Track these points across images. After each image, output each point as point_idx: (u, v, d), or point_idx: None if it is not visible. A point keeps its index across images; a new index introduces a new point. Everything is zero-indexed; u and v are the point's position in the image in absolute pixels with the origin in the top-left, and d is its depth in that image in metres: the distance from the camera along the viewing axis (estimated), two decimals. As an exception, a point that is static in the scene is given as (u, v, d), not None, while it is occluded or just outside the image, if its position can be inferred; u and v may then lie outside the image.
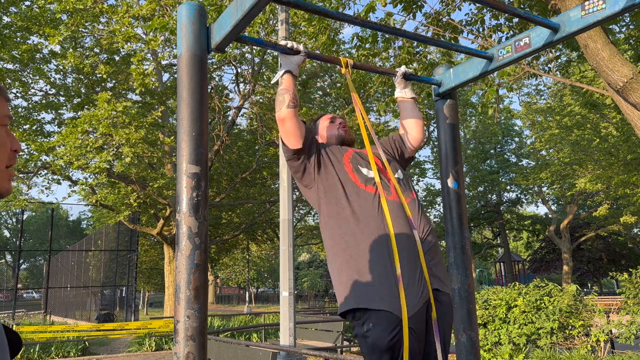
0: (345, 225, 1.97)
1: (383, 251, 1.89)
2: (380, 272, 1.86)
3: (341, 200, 2.02)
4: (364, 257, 1.89)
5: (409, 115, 2.36)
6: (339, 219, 2.00)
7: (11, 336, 0.84)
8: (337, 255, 1.97)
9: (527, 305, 7.05)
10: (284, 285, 6.47)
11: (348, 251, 1.94)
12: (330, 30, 7.38)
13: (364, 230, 1.93)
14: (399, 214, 1.98)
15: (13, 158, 0.93)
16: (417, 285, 1.88)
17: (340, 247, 1.96)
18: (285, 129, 2.07)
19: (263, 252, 39.61)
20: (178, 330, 1.56)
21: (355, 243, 1.93)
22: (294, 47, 2.03)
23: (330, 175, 2.08)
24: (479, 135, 30.22)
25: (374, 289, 1.85)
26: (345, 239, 1.96)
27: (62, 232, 48.92)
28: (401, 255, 1.88)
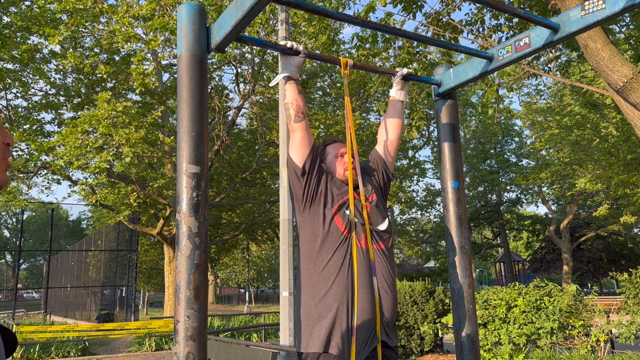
0: (317, 275, 2.08)
1: (343, 306, 2.03)
2: (338, 325, 2.02)
3: (318, 245, 2.09)
4: (328, 307, 2.04)
5: (396, 115, 2.39)
6: (314, 264, 2.10)
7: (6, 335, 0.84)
8: (305, 301, 2.10)
9: (527, 305, 7.05)
10: (284, 285, 6.48)
11: (316, 299, 2.07)
12: (330, 30, 7.38)
13: (333, 280, 2.05)
14: (364, 263, 2.08)
15: (7, 151, 0.93)
16: (367, 338, 2.03)
17: (309, 295, 2.09)
18: (292, 139, 2.12)
19: (263, 252, 39.61)
20: (178, 330, 1.56)
21: (322, 294, 2.06)
22: (294, 47, 2.02)
23: (317, 217, 2.12)
24: (479, 135, 30.21)
25: (330, 338, 2.02)
26: (315, 289, 2.08)
27: (62, 232, 48.89)
28: (359, 308, 2.02)
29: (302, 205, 2.15)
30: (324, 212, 2.11)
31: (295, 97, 2.07)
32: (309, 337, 2.04)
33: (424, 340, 8.38)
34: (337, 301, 2.02)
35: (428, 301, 8.40)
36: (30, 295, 51.80)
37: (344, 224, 2.10)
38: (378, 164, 2.37)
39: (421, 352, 8.43)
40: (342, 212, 2.12)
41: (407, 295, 8.48)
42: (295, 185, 2.15)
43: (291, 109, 2.08)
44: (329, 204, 2.13)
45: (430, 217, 34.07)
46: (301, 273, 2.14)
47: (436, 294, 8.53)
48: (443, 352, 8.60)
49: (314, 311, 2.05)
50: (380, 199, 2.29)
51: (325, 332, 2.01)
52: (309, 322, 2.06)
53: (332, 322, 2.01)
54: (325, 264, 2.07)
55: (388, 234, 2.22)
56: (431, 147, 27.84)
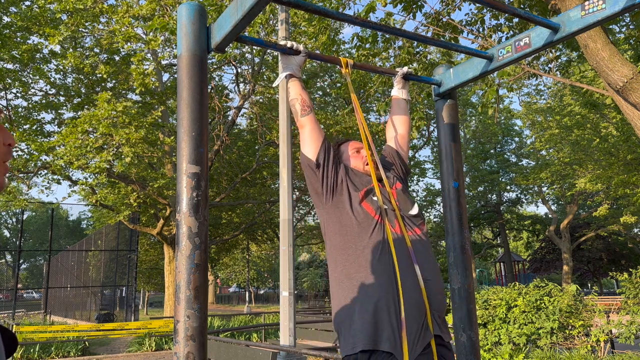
0: (352, 263, 1.92)
1: (388, 296, 1.84)
2: (385, 316, 1.82)
3: (349, 234, 1.96)
4: (370, 298, 1.84)
5: (401, 112, 2.40)
6: (346, 254, 1.95)
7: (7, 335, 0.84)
8: (344, 296, 1.92)
9: (527, 305, 7.05)
10: (284, 285, 6.47)
11: (354, 292, 1.89)
12: (330, 30, 7.38)
13: (371, 267, 1.88)
14: (402, 250, 1.93)
15: (8, 153, 0.92)
16: (419, 331, 1.83)
17: (347, 287, 1.92)
18: (302, 135, 2.07)
19: (263, 252, 39.62)
20: (178, 330, 1.56)
21: (360, 283, 1.88)
22: (294, 47, 2.02)
23: (343, 205, 2.00)
24: (479, 135, 30.21)
25: (378, 332, 1.81)
26: (351, 281, 1.91)
27: (62, 232, 48.89)
28: (405, 299, 1.83)
29: (324, 197, 2.03)
30: (350, 199, 2.00)
31: (299, 92, 2.06)
32: (355, 336, 1.82)
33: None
34: (379, 290, 1.83)
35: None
36: (30, 295, 51.82)
37: (374, 210, 1.98)
38: (394, 157, 2.35)
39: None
40: (369, 199, 2.01)
41: (407, 295, 8.47)
42: (313, 179, 2.06)
43: (297, 104, 2.05)
44: (353, 192, 2.03)
45: (430, 217, 34.07)
46: (334, 268, 1.98)
47: (436, 294, 8.52)
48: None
49: (355, 305, 1.85)
50: (405, 186, 2.24)
51: (372, 326, 1.80)
52: (351, 319, 1.85)
53: (378, 314, 1.81)
54: (360, 251, 1.91)
55: (421, 218, 2.10)
56: (431, 147, 27.84)
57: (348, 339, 1.85)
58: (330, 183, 2.03)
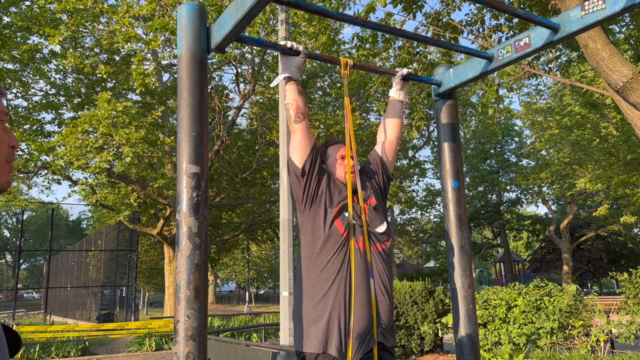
0: (315, 275, 2.10)
1: (341, 307, 2.04)
2: (335, 326, 2.04)
3: (318, 247, 2.10)
4: (325, 308, 2.06)
5: (395, 115, 2.40)
6: (312, 265, 2.11)
7: (11, 335, 0.84)
8: (304, 302, 2.12)
9: (527, 305, 7.05)
10: (284, 285, 6.47)
11: (314, 300, 2.09)
12: (330, 30, 7.38)
13: (331, 282, 2.07)
14: (361, 264, 2.09)
15: (12, 154, 0.94)
16: (363, 339, 2.05)
17: (308, 295, 2.11)
18: (292, 140, 2.13)
19: (263, 252, 39.62)
20: (178, 330, 1.56)
21: (320, 295, 2.08)
22: (294, 47, 2.02)
23: (318, 219, 2.13)
24: (479, 135, 30.21)
25: (328, 339, 2.04)
26: (312, 289, 2.10)
27: (62, 232, 48.88)
28: (356, 309, 2.04)
29: (303, 206, 2.16)
30: (325, 214, 2.12)
31: (295, 98, 2.07)
32: (306, 337, 2.06)
33: (424, 340, 8.39)
34: (334, 302, 2.04)
35: (428, 301, 8.40)
36: (30, 295, 51.81)
37: (344, 227, 2.11)
38: (377, 165, 2.38)
39: (421, 352, 8.43)
40: (342, 216, 2.13)
41: (407, 295, 8.48)
42: (295, 186, 2.17)
43: (291, 109, 2.08)
44: (329, 207, 2.13)
45: (430, 217, 34.08)
46: (301, 273, 2.15)
47: (436, 294, 8.53)
48: (443, 352, 8.60)
49: (311, 312, 2.07)
50: (379, 201, 2.29)
51: (323, 333, 2.03)
52: (307, 323, 2.08)
53: (329, 322, 2.03)
54: (324, 265, 2.08)
55: (387, 236, 2.22)
56: (431, 147, 27.83)
57: (301, 337, 2.09)
58: (311, 194, 2.15)
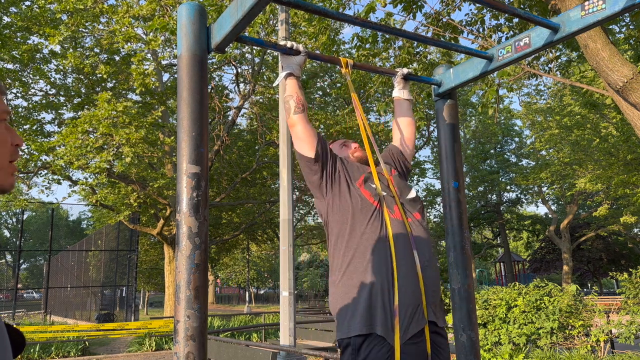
0: (351, 250, 1.96)
1: (383, 281, 1.88)
2: (379, 302, 1.86)
3: (350, 220, 1.99)
4: (367, 284, 1.88)
5: (405, 114, 2.41)
6: (345, 241, 1.98)
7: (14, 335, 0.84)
8: (342, 282, 1.96)
9: (527, 305, 7.05)
10: (284, 285, 6.47)
11: (352, 278, 1.93)
12: (330, 30, 7.38)
13: (368, 261, 1.92)
14: (401, 235, 1.96)
15: (15, 153, 0.94)
16: (412, 317, 1.87)
17: (345, 275, 1.95)
18: (295, 133, 2.07)
19: (263, 252, 39.62)
20: (178, 330, 1.56)
21: (360, 270, 1.92)
22: (294, 47, 2.02)
23: (342, 192, 2.05)
24: (479, 135, 30.21)
25: (372, 317, 1.85)
26: (349, 267, 1.94)
27: (62, 232, 48.88)
28: (400, 284, 1.87)
29: (325, 189, 2.06)
30: (348, 187, 2.04)
31: (296, 90, 2.05)
32: (350, 320, 1.87)
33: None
34: (375, 277, 1.87)
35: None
36: (30, 295, 51.79)
37: (373, 196, 2.01)
38: (394, 153, 2.38)
39: (421, 352, 8.41)
40: (367, 185, 2.06)
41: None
42: (311, 174, 2.08)
43: (291, 100, 2.05)
44: (351, 180, 2.07)
45: (430, 217, 34.06)
46: (333, 254, 2.02)
47: (436, 294, 8.52)
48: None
49: (350, 292, 1.90)
50: (401, 174, 2.27)
51: (366, 311, 1.84)
52: (347, 305, 1.90)
53: (372, 299, 1.85)
54: (358, 238, 1.94)
55: (419, 203, 2.14)
56: (431, 147, 27.83)
57: (343, 322, 1.90)
58: (329, 173, 2.07)
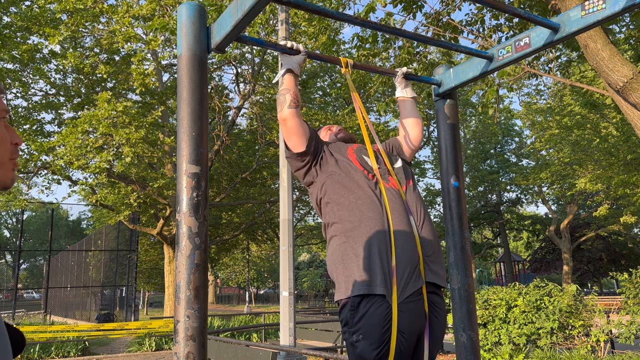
0: (346, 213, 1.98)
1: (381, 242, 1.90)
2: (377, 262, 1.88)
3: (343, 186, 2.03)
4: (361, 249, 1.91)
5: (410, 114, 2.39)
6: (340, 205, 2.01)
7: (14, 335, 0.84)
8: (338, 245, 1.99)
9: (527, 305, 7.05)
10: (284, 285, 6.47)
11: (349, 239, 1.95)
12: (330, 30, 7.38)
13: (364, 221, 1.95)
14: (397, 202, 2.00)
15: (15, 151, 0.94)
16: (409, 277, 1.89)
17: (341, 236, 1.98)
18: (287, 128, 2.06)
19: (263, 252, 39.61)
20: (178, 330, 1.56)
21: (355, 233, 1.94)
22: (294, 47, 2.02)
23: (331, 166, 2.09)
24: (479, 135, 30.21)
25: (370, 277, 1.87)
26: (345, 230, 1.97)
27: (62, 232, 48.91)
28: (397, 245, 1.90)
29: (315, 173, 2.10)
30: (337, 162, 2.09)
31: (292, 86, 2.04)
32: (347, 282, 1.89)
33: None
34: (372, 236, 1.90)
35: (428, 301, 8.39)
36: (30, 295, 51.79)
37: (365, 168, 2.07)
38: (393, 146, 2.40)
39: (421, 352, 8.40)
40: (359, 157, 2.11)
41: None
42: (299, 164, 2.12)
43: (288, 94, 2.03)
44: (340, 155, 2.12)
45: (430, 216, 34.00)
46: (328, 221, 2.04)
47: (436, 294, 8.51)
48: (443, 352, 8.60)
49: (348, 252, 1.92)
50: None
51: (364, 272, 1.87)
52: (345, 265, 1.92)
53: (371, 260, 1.87)
54: (354, 202, 1.97)
55: (409, 171, 2.22)
56: (431, 147, 27.83)
57: (341, 284, 1.92)
58: (318, 160, 2.11)
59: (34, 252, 50.35)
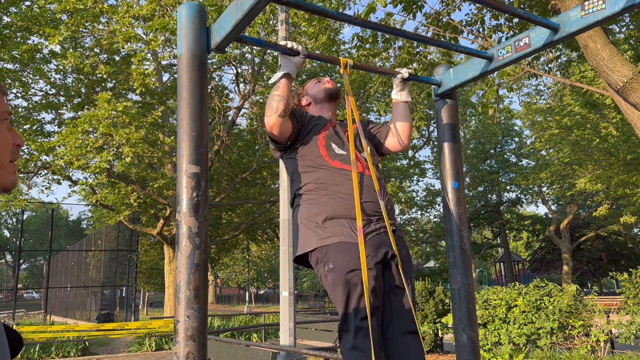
0: (312, 182, 2.17)
1: (348, 203, 2.08)
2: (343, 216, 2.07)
3: (309, 165, 2.20)
4: (328, 206, 2.09)
5: (400, 118, 2.40)
6: (307, 175, 2.19)
7: (12, 336, 0.84)
8: (301, 208, 2.17)
9: (527, 305, 7.05)
10: (284, 285, 6.47)
11: (311, 202, 2.13)
12: (330, 30, 7.38)
13: (329, 192, 2.12)
14: (366, 184, 2.14)
15: (16, 153, 0.95)
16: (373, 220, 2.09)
17: (304, 199, 2.17)
18: (273, 133, 2.16)
19: (263, 252, 39.62)
20: (178, 330, 1.56)
21: (322, 197, 2.12)
22: (294, 47, 2.03)
23: (308, 141, 2.23)
24: (479, 135, 30.21)
25: (334, 229, 2.05)
26: (310, 196, 2.15)
27: (62, 232, 48.90)
28: (363, 201, 2.07)
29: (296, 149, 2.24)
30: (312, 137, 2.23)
31: (287, 94, 2.08)
32: (314, 235, 2.08)
33: (424, 340, 8.39)
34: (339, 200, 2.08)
35: (428, 301, 8.41)
36: (30, 295, 51.77)
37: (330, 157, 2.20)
38: (379, 131, 2.48)
39: (421, 352, 8.41)
40: (330, 135, 2.24)
41: (407, 295, 8.47)
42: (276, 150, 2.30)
43: (281, 102, 2.07)
44: (314, 133, 2.25)
45: (430, 217, 34.08)
46: (294, 184, 2.26)
47: (436, 294, 8.53)
48: (443, 352, 8.60)
49: (314, 211, 2.10)
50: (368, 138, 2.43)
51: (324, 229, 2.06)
52: (307, 225, 2.11)
53: (337, 214, 2.06)
54: (323, 170, 2.16)
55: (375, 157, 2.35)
56: (431, 147, 27.84)
57: (307, 239, 2.09)
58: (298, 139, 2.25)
59: (34, 252, 50.33)
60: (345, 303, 1.96)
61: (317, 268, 2.08)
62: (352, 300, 1.95)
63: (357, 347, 1.90)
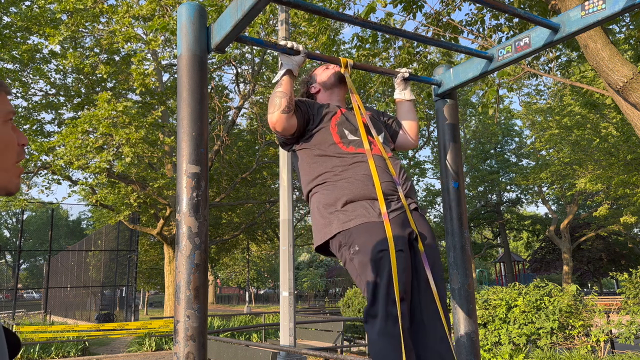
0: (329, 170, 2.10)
1: (365, 187, 2.03)
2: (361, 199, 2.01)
3: (323, 154, 2.14)
4: (347, 192, 2.03)
5: (405, 117, 2.40)
6: (323, 162, 2.12)
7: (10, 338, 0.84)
8: (317, 195, 2.10)
9: (527, 305, 7.05)
10: (284, 285, 6.47)
11: (332, 191, 2.06)
12: (330, 30, 7.38)
13: (345, 177, 2.07)
14: (381, 165, 2.10)
15: (22, 153, 0.95)
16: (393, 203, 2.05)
17: (320, 188, 2.10)
18: (274, 128, 2.12)
19: (263, 252, 39.61)
20: (178, 330, 1.56)
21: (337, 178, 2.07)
22: (294, 47, 2.03)
23: (317, 131, 2.18)
24: (479, 135, 30.20)
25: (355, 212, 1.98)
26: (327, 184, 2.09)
27: (62, 232, 48.90)
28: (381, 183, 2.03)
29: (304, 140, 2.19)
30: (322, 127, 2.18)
31: (290, 90, 2.05)
32: (335, 220, 2.01)
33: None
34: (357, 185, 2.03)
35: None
36: (30, 295, 51.77)
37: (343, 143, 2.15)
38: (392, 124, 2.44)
39: (421, 352, 8.41)
40: (342, 121, 2.20)
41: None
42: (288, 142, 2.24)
43: (283, 98, 2.04)
44: (324, 122, 2.20)
45: (430, 217, 34.04)
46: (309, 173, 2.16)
47: (436, 294, 8.51)
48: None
49: (332, 197, 2.04)
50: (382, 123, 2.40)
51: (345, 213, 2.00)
52: (323, 210, 2.05)
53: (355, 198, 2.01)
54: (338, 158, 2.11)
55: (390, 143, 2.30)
56: (431, 147, 27.83)
57: (327, 225, 2.03)
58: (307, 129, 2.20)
59: (34, 252, 50.33)
60: (374, 286, 1.86)
61: (340, 253, 2.00)
62: (382, 283, 1.85)
63: (386, 334, 1.81)
